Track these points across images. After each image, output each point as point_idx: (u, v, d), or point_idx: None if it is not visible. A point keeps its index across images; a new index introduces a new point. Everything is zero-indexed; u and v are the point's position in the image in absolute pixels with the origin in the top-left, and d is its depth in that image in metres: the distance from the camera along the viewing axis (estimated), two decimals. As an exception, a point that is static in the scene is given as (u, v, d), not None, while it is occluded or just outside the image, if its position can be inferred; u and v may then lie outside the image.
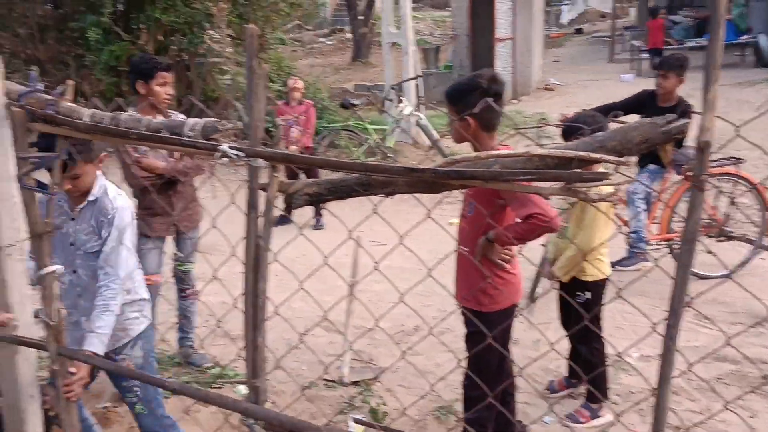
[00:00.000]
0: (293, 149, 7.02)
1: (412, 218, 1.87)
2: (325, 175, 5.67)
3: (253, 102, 1.75)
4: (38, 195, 2.20)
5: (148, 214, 4.02)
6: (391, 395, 3.91)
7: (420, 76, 10.02)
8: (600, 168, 1.43)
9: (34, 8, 10.56)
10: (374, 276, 2.26)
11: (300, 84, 7.53)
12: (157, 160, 3.97)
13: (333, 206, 1.94)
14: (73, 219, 2.74)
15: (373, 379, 4.07)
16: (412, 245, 1.90)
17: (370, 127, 9.08)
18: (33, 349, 2.30)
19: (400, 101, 9.28)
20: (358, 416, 3.55)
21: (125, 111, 2.08)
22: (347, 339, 4.21)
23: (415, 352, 4.24)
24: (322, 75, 14.10)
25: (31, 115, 2.09)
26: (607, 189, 1.44)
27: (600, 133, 1.43)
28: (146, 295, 2.99)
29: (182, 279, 4.31)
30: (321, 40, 23.85)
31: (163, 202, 4.00)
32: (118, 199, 2.77)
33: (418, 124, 9.23)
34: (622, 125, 1.45)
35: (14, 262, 2.19)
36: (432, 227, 1.95)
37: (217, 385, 4.03)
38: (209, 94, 10.72)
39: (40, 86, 2.12)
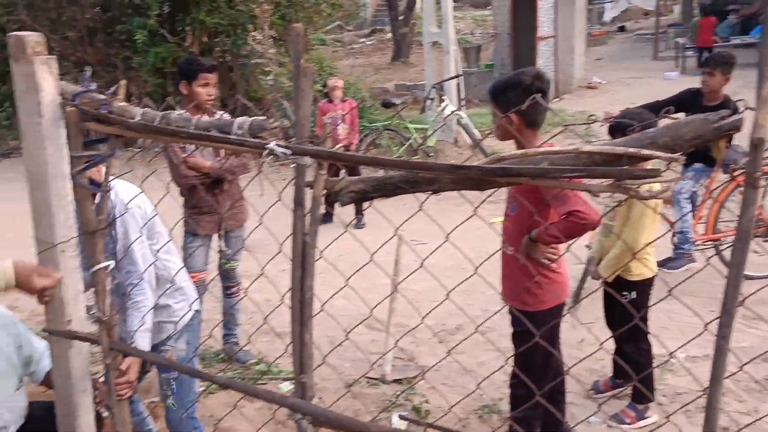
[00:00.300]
0: (339, 147, 7.08)
1: (456, 217, 1.87)
2: (366, 173, 5.69)
3: (299, 100, 1.76)
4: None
5: (196, 213, 4.09)
6: (433, 393, 3.91)
7: (461, 75, 9.99)
8: (650, 165, 1.41)
9: (83, 12, 10.82)
10: (416, 274, 2.27)
11: (340, 82, 7.59)
12: (204, 159, 4.04)
13: (374, 205, 1.95)
14: None
15: (416, 377, 4.08)
16: (458, 243, 1.90)
17: (411, 126, 9.08)
18: (86, 344, 2.36)
19: (442, 100, 9.27)
20: (405, 413, 3.56)
21: (175, 110, 2.12)
22: (391, 337, 4.23)
23: (458, 351, 4.23)
24: (363, 75, 14.15)
25: (85, 114, 2.14)
26: (657, 186, 1.42)
27: (650, 130, 1.41)
28: (185, 282, 3.02)
29: (227, 276, 4.38)
30: (361, 40, 23.93)
31: (209, 200, 4.07)
32: (120, 195, 2.76)
33: (459, 123, 9.20)
34: (672, 121, 1.43)
35: (68, 258, 2.24)
36: (474, 226, 1.95)
37: (261, 382, 4.09)
38: (252, 94, 10.85)
39: (93, 86, 2.17)
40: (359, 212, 7.34)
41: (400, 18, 19.54)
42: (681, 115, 1.70)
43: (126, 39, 10.82)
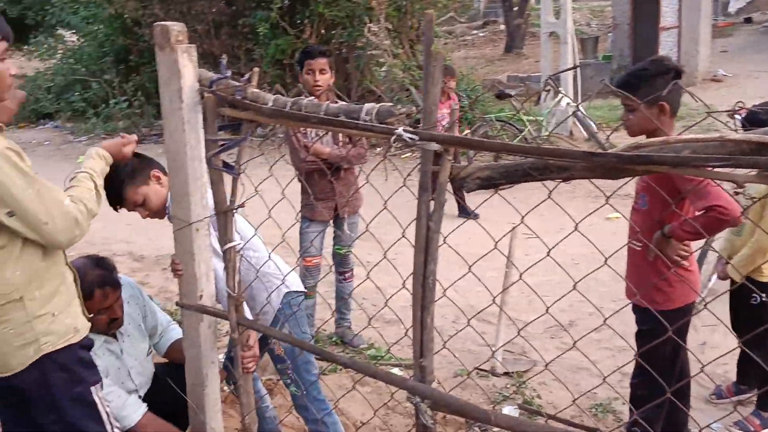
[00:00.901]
0: None
1: (568, 210, 1.82)
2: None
3: (429, 86, 1.77)
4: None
5: (312, 198, 4.21)
6: (544, 389, 3.86)
7: (578, 67, 9.74)
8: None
9: (211, 5, 11.35)
10: (524, 268, 2.23)
11: (453, 81, 7.45)
12: (324, 146, 4.15)
13: (480, 197, 1.92)
14: None
15: (527, 371, 4.04)
16: (567, 239, 1.85)
17: (525, 118, 8.93)
18: (214, 318, 2.48)
19: (557, 92, 9.06)
20: (514, 407, 3.53)
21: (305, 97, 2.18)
22: (505, 328, 4.19)
23: (570, 347, 4.15)
24: (476, 66, 14.04)
25: (221, 100, 2.24)
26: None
27: (802, 119, 1.34)
28: (271, 271, 2.86)
29: (342, 262, 4.47)
30: (474, 32, 23.71)
31: (326, 186, 4.17)
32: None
33: (574, 115, 8.98)
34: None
35: (202, 237, 2.37)
36: (586, 222, 1.88)
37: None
38: (365, 85, 11.02)
39: (229, 73, 2.27)
40: (462, 200, 7.24)
41: (515, 9, 19.23)
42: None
43: (249, 32, 11.26)
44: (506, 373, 4.04)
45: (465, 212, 7.10)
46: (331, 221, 4.36)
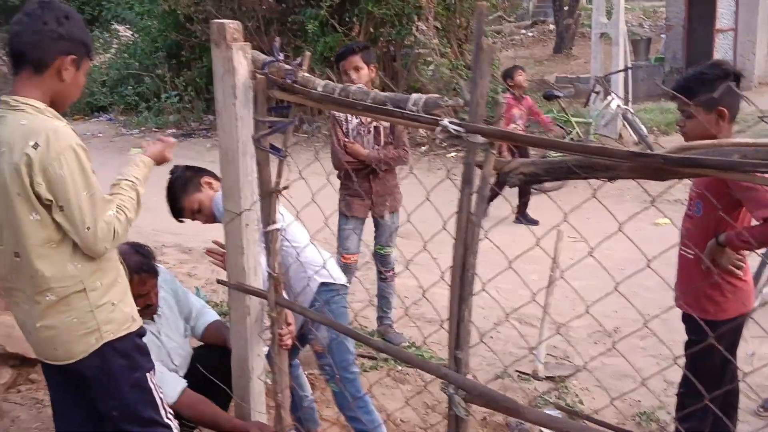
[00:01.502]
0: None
1: (616, 215, 1.79)
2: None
3: (477, 78, 1.75)
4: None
5: (349, 195, 4.24)
6: (587, 395, 3.82)
7: (629, 68, 9.58)
8: None
9: (261, 3, 11.48)
10: (571, 272, 2.20)
11: (523, 76, 7.28)
12: (362, 148, 4.17)
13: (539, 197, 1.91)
14: None
15: (569, 376, 4.00)
16: (612, 243, 1.82)
17: (573, 119, 8.81)
18: (259, 301, 2.50)
19: (607, 94, 8.93)
20: (555, 409, 3.50)
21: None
22: (547, 329, 4.16)
23: (615, 354, 4.09)
24: (525, 66, 13.92)
25: (271, 82, 2.25)
26: None
27: None
28: (310, 258, 2.86)
29: (382, 261, 4.48)
30: (522, 31, 23.47)
31: (363, 185, 4.19)
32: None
33: (624, 118, 8.84)
34: None
35: (251, 231, 2.42)
36: (635, 227, 1.85)
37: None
38: (412, 84, 11.01)
39: (281, 56, 2.29)
40: (524, 206, 7.08)
41: (565, 8, 18.97)
42: None
43: (298, 29, 11.36)
44: (549, 378, 4.01)
45: (525, 218, 6.95)
46: (373, 221, 4.38)
